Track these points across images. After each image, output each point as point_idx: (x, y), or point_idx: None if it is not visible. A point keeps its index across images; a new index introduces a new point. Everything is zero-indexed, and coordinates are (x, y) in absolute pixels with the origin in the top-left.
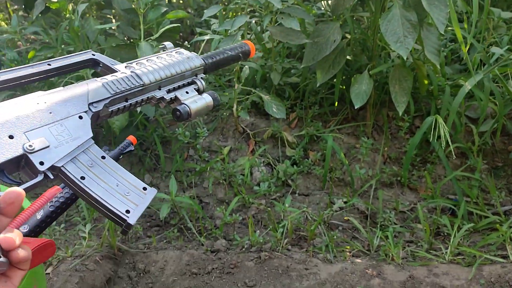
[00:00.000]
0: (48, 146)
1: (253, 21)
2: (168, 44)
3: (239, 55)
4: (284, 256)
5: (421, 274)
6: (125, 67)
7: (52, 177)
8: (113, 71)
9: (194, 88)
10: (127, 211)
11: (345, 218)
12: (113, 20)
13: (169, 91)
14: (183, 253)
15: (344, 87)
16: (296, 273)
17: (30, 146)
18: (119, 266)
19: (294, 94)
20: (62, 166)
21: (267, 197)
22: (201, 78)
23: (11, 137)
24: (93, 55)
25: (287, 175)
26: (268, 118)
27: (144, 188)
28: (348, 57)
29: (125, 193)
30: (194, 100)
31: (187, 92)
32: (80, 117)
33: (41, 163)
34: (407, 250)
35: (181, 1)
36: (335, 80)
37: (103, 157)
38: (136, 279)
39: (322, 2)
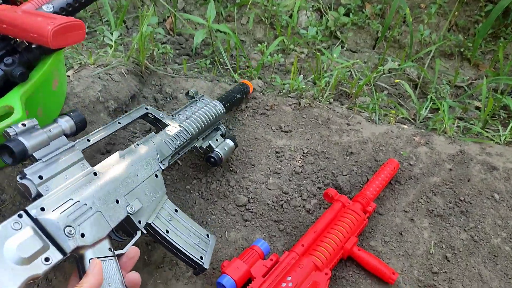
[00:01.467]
0: (142, 207)
1: None
2: (193, 91)
3: (243, 96)
4: (326, 107)
5: (472, 151)
6: (172, 119)
7: (145, 232)
8: (162, 122)
9: (220, 134)
10: (201, 257)
11: (396, 81)
12: None
13: (203, 139)
14: (215, 85)
15: None
16: (337, 127)
17: (131, 208)
18: (144, 86)
19: None
20: (152, 222)
21: (310, 46)
22: (222, 123)
23: (117, 201)
24: (147, 109)
25: (337, 25)
26: None
27: (207, 235)
28: None
29: (197, 242)
30: (223, 147)
31: (216, 140)
32: (156, 175)
33: (139, 222)
34: (460, 125)
35: None
36: None
37: (176, 210)
38: (162, 102)
39: None
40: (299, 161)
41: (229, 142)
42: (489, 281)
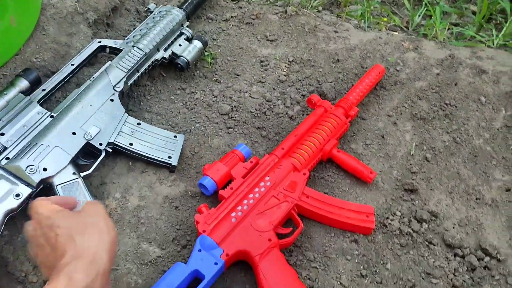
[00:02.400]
0: (100, 130)
1: None
2: (152, 6)
3: None
4: (313, 15)
5: (463, 55)
6: (126, 43)
7: (110, 151)
8: (117, 49)
9: (184, 38)
10: (169, 157)
11: None
12: None
13: (165, 49)
14: None
15: None
16: (324, 35)
17: (89, 135)
18: None
19: None
20: (114, 140)
21: None
22: (187, 27)
23: (74, 133)
24: (99, 42)
25: None
26: None
27: (175, 136)
28: None
29: (163, 145)
30: (189, 51)
31: (180, 45)
32: (112, 100)
33: (100, 144)
34: (453, 30)
35: None
36: None
37: (139, 123)
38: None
39: None
40: (284, 70)
41: (197, 44)
42: (467, 179)
